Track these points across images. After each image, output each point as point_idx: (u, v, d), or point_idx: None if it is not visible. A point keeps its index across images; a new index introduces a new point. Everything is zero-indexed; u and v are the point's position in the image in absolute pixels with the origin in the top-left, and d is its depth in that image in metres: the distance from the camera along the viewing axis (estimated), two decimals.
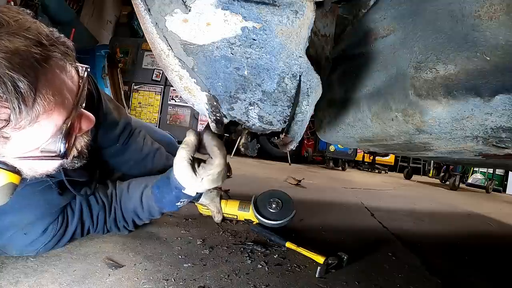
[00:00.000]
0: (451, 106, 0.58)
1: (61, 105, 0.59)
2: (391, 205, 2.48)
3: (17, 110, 0.52)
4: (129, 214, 0.95)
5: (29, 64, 0.53)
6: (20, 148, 0.59)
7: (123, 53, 6.26)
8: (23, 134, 0.56)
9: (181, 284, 0.76)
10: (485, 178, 6.34)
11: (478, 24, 0.53)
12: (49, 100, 0.56)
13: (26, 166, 0.64)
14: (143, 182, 0.96)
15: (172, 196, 0.89)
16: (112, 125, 1.03)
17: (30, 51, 0.54)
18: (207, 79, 0.69)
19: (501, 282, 1.14)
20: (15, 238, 0.77)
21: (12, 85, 0.50)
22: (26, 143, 0.59)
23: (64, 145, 0.63)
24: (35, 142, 0.60)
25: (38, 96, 0.54)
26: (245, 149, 0.91)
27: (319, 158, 6.96)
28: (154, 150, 1.17)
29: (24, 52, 0.53)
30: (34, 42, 0.55)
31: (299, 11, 0.57)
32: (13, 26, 0.54)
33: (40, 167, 0.67)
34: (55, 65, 0.59)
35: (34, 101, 0.54)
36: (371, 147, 1.06)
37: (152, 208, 0.94)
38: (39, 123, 0.57)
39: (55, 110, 0.58)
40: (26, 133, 0.56)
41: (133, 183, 0.98)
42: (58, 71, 0.59)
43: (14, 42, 0.52)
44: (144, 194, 0.93)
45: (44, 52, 0.56)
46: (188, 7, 0.58)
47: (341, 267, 0.97)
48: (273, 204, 1.21)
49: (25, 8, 0.60)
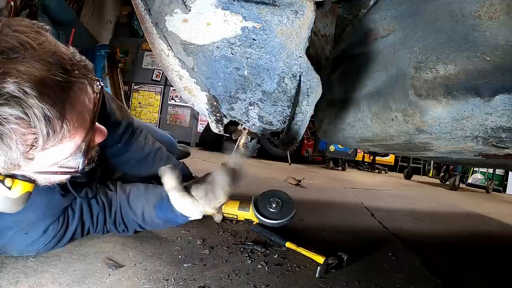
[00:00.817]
0: (451, 106, 0.58)
1: (82, 126, 0.62)
2: (391, 205, 2.48)
3: (45, 137, 0.54)
4: (131, 224, 0.96)
5: (56, 93, 0.54)
6: (40, 165, 0.61)
7: (123, 53, 6.26)
8: (46, 154, 0.58)
9: (181, 284, 0.76)
10: (485, 178, 6.33)
11: (478, 24, 0.53)
12: (73, 125, 0.59)
13: (43, 178, 0.67)
14: (142, 196, 0.95)
15: (179, 220, 0.91)
16: (115, 125, 1.04)
17: (56, 79, 0.54)
18: (207, 79, 0.69)
19: (501, 282, 1.14)
20: (15, 238, 0.77)
21: (41, 115, 0.52)
22: (47, 161, 0.61)
23: (83, 163, 0.66)
24: (55, 159, 0.62)
25: (64, 122, 0.56)
26: (245, 149, 0.91)
27: (319, 158, 6.96)
28: (155, 149, 1.18)
29: (51, 81, 0.54)
30: (59, 69, 0.55)
31: (299, 11, 0.57)
32: (38, 51, 0.54)
33: (56, 178, 0.70)
34: (78, 89, 0.60)
35: (61, 127, 0.56)
36: (371, 147, 1.06)
37: (156, 225, 0.95)
38: (63, 144, 0.59)
39: (77, 131, 0.61)
40: (49, 153, 0.58)
41: (132, 195, 0.96)
42: (80, 95, 0.61)
43: (40, 70, 0.53)
44: (146, 211, 0.93)
45: (68, 78, 0.57)
46: (188, 7, 0.58)
47: (341, 267, 0.97)
48: (273, 204, 1.21)
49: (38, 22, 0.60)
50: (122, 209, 0.94)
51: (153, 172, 1.14)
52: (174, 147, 1.58)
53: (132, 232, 0.98)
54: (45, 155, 0.59)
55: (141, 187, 0.98)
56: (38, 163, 0.60)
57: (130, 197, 0.96)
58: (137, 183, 1.01)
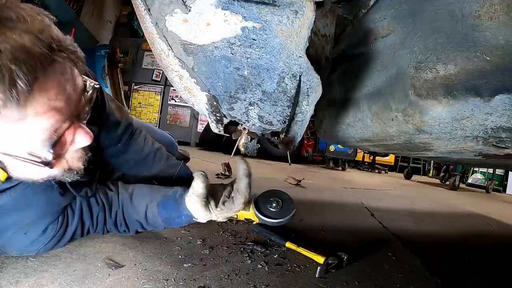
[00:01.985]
0: (451, 106, 0.58)
1: (55, 111, 0.58)
2: (391, 205, 2.48)
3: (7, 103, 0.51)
4: (133, 224, 0.96)
5: (31, 63, 0.53)
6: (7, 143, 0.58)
7: (123, 53, 6.26)
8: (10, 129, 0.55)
9: (181, 284, 0.76)
10: (485, 178, 6.33)
11: (478, 24, 0.53)
12: (43, 103, 0.55)
13: (12, 166, 0.63)
14: (146, 195, 0.95)
15: (182, 221, 0.91)
16: (114, 126, 1.04)
17: (36, 51, 0.54)
18: (207, 79, 0.69)
19: (501, 282, 1.14)
20: (15, 237, 0.77)
21: (9, 77, 0.50)
22: (13, 140, 0.58)
23: (50, 154, 0.60)
24: (22, 142, 0.59)
25: (32, 95, 0.54)
26: (245, 149, 0.91)
27: (319, 158, 6.96)
28: (155, 150, 1.17)
29: (30, 50, 0.53)
30: (43, 44, 0.55)
31: (299, 11, 0.57)
32: (29, 25, 0.54)
33: (28, 172, 0.65)
34: (59, 69, 0.58)
35: (27, 99, 0.53)
36: (371, 147, 1.06)
37: (157, 225, 0.95)
38: (28, 122, 0.56)
39: (47, 115, 0.57)
40: (14, 128, 0.56)
41: (136, 193, 0.96)
42: (61, 77, 0.58)
43: (25, 40, 0.53)
44: (149, 210, 0.93)
45: (50, 55, 0.56)
46: (188, 7, 0.58)
47: (341, 267, 0.97)
48: (273, 203, 1.21)
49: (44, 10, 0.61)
50: (124, 209, 0.94)
51: (153, 172, 1.14)
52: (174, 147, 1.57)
53: (133, 232, 0.98)
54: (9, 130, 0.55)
55: (145, 187, 0.99)
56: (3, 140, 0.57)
57: (133, 196, 0.96)
58: (141, 184, 1.01)
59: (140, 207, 0.93)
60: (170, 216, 0.91)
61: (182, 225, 0.95)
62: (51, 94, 0.57)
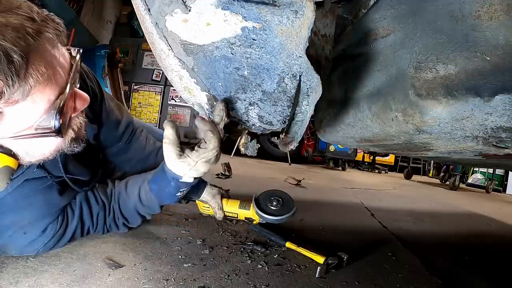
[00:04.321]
0: (451, 106, 0.58)
1: (53, 79, 0.59)
2: (391, 205, 2.48)
3: (10, 82, 0.52)
4: (129, 212, 0.96)
5: (21, 36, 0.53)
6: (14, 125, 0.59)
7: (123, 53, 6.25)
8: (16, 109, 0.56)
9: (181, 284, 0.76)
10: (485, 178, 6.33)
11: (478, 24, 0.53)
12: (42, 73, 0.56)
13: (23, 149, 0.64)
14: (139, 178, 0.96)
15: (171, 188, 0.88)
16: (114, 124, 1.04)
17: (22, 25, 0.54)
18: (207, 79, 0.69)
19: (501, 282, 1.14)
20: (14, 237, 0.77)
21: (4, 55, 0.50)
22: (20, 120, 0.59)
23: (58, 121, 0.61)
24: (29, 118, 0.59)
25: (30, 67, 0.54)
26: (245, 149, 0.91)
27: (319, 158, 6.96)
28: (157, 148, 1.18)
29: (16, 26, 0.53)
30: (25, 18, 0.55)
31: (299, 11, 0.57)
32: (4, 4, 0.54)
33: (37, 149, 0.66)
34: (46, 40, 0.59)
35: (27, 72, 0.54)
36: (371, 147, 1.07)
37: (151, 203, 0.93)
38: (32, 96, 0.57)
39: (48, 84, 0.58)
40: (20, 108, 0.56)
41: (130, 181, 0.98)
42: (50, 47, 0.59)
43: (6, 17, 0.53)
44: (142, 190, 0.93)
45: (35, 27, 0.56)
46: (188, 7, 0.58)
47: (341, 267, 0.97)
48: (274, 202, 1.21)
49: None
50: (121, 199, 0.95)
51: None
52: None
53: (133, 222, 0.97)
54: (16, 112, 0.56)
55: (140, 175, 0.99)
56: (11, 124, 0.58)
57: (128, 184, 0.97)
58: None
59: (134, 191, 0.94)
60: (160, 187, 0.89)
61: (174, 196, 0.91)
62: (46, 64, 0.58)
